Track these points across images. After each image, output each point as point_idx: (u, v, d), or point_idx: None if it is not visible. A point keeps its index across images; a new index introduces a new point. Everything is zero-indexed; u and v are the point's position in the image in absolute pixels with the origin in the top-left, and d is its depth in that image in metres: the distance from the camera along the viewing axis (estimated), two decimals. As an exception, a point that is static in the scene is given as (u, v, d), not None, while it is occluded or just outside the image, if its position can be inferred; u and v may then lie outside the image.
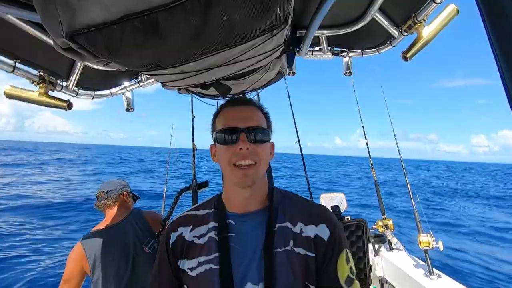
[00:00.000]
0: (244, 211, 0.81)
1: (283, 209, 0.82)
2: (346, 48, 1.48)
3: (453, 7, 1.08)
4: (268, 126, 0.85)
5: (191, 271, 0.78)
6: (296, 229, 0.78)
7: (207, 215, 0.85)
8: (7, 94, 1.17)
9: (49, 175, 18.90)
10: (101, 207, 1.88)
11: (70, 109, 1.30)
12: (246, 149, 0.74)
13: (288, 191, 0.90)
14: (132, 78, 1.47)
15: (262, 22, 0.63)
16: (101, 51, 0.57)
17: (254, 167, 0.76)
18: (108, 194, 1.88)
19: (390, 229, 3.07)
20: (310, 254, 0.75)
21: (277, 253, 0.74)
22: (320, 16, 0.92)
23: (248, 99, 0.87)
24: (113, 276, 1.65)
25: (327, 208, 0.85)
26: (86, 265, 1.64)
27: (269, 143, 0.83)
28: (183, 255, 0.81)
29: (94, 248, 1.65)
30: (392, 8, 1.17)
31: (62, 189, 13.47)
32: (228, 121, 0.79)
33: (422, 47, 1.19)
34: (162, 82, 0.99)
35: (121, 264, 1.68)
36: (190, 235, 0.82)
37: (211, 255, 0.77)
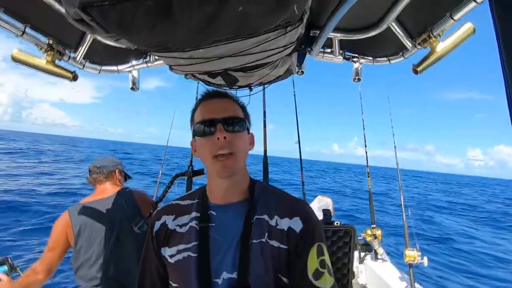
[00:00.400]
0: (225, 202, 0.84)
1: (262, 202, 0.84)
2: (358, 54, 1.47)
3: (470, 26, 1.07)
4: (246, 117, 0.87)
5: (171, 258, 0.81)
6: (272, 222, 0.80)
7: (190, 205, 0.88)
8: (14, 57, 1.16)
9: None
10: (92, 181, 1.91)
11: (75, 80, 1.29)
12: (224, 138, 0.76)
13: (269, 184, 0.92)
14: (141, 57, 1.46)
15: (277, 17, 0.63)
16: (112, 26, 0.56)
17: (233, 157, 0.77)
18: (101, 169, 1.90)
19: (378, 239, 3.09)
20: (282, 247, 0.77)
21: (252, 244, 0.77)
22: (336, 18, 0.91)
23: (224, 92, 0.89)
24: (94, 248, 1.67)
25: (306, 203, 0.87)
26: (70, 234, 1.66)
27: (247, 133, 0.85)
28: (165, 242, 0.84)
29: (80, 218, 1.67)
30: (409, 19, 1.16)
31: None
32: (205, 114, 0.81)
33: (434, 62, 1.19)
34: (170, 64, 0.99)
35: (105, 238, 1.69)
36: (173, 224, 0.85)
37: (190, 243, 0.80)
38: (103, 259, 1.67)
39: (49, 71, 1.21)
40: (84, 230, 1.67)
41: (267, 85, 1.50)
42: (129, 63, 1.47)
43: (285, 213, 0.81)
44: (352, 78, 1.56)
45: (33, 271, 1.60)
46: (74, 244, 1.67)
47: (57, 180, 13.20)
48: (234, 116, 0.81)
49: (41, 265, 1.60)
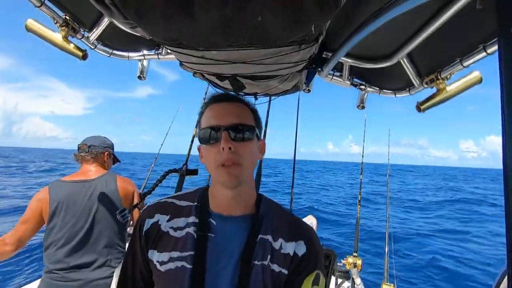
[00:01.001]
0: (228, 213, 0.78)
1: (267, 220, 0.78)
2: (366, 82, 1.49)
3: (478, 74, 1.10)
4: (257, 123, 0.80)
5: (161, 265, 0.73)
6: (275, 245, 0.75)
7: (188, 207, 0.80)
8: (28, 27, 1.16)
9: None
10: (79, 158, 1.86)
11: (84, 59, 1.29)
12: (228, 149, 0.70)
13: (274, 201, 0.87)
14: (153, 48, 1.47)
15: (294, 33, 0.64)
16: (131, 12, 0.57)
17: (238, 167, 0.72)
18: (90, 149, 1.87)
19: (358, 268, 3.06)
20: (284, 271, 0.73)
21: (254, 265, 0.72)
22: (350, 45, 0.92)
23: (234, 96, 0.82)
24: (66, 230, 1.62)
25: (311, 227, 0.83)
26: (46, 209, 1.62)
27: (256, 141, 0.78)
28: (154, 245, 0.76)
29: (59, 196, 1.64)
30: (420, 58, 1.18)
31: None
32: (210, 119, 0.75)
33: (439, 103, 1.21)
34: (181, 60, 0.99)
35: (80, 220, 1.65)
36: (167, 225, 0.77)
37: (185, 252, 0.73)
38: (73, 244, 1.62)
39: (60, 46, 1.21)
40: (60, 209, 1.63)
41: (273, 97, 1.51)
42: (140, 51, 1.48)
43: (290, 236, 0.76)
44: (357, 104, 1.58)
45: (1, 242, 1.54)
46: (47, 221, 1.63)
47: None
48: (242, 123, 0.74)
49: (12, 237, 1.55)
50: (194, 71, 1.14)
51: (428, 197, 20.61)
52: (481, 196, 21.39)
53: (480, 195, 22.92)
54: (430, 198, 19.88)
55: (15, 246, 1.55)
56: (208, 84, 1.33)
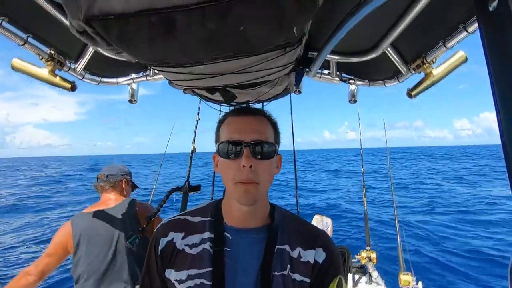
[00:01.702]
0: (243, 226, 0.77)
1: (283, 230, 0.78)
2: (354, 76, 1.51)
3: (462, 54, 1.11)
4: (276, 139, 0.79)
5: (179, 283, 0.72)
6: (294, 254, 0.75)
7: (202, 223, 0.79)
8: (14, 66, 1.17)
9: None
10: (98, 188, 1.90)
11: (73, 90, 1.29)
12: (249, 167, 0.69)
13: (287, 210, 0.86)
14: (141, 70, 1.48)
15: (277, 38, 0.64)
16: (114, 40, 0.57)
17: (257, 186, 0.71)
18: (108, 178, 1.90)
19: (373, 261, 3.04)
20: (306, 280, 0.72)
21: (274, 277, 0.71)
22: (334, 42, 0.94)
23: (257, 109, 0.82)
24: (92, 261, 1.65)
25: (325, 233, 0.83)
26: (70, 243, 1.65)
27: (276, 157, 0.77)
28: (170, 264, 0.75)
29: (81, 228, 1.67)
30: (403, 46, 1.20)
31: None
32: (232, 133, 0.74)
33: (428, 87, 1.22)
34: (169, 79, 1.00)
35: (103, 250, 1.67)
36: (182, 243, 0.76)
37: (203, 269, 0.72)
38: (98, 275, 1.64)
39: (48, 81, 1.21)
40: (83, 241, 1.66)
41: (265, 102, 1.52)
42: (129, 75, 1.48)
43: (307, 244, 0.76)
44: (348, 99, 1.59)
45: (25, 274, 1.57)
46: (73, 254, 1.66)
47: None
48: (264, 141, 0.72)
49: (36, 269, 1.58)
50: (184, 87, 1.15)
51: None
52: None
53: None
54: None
55: (38, 277, 1.59)
56: (200, 99, 1.33)
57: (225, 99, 1.26)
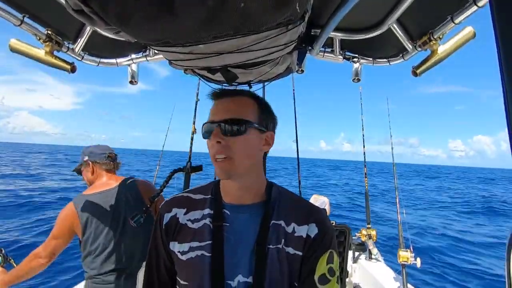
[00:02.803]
0: (239, 202, 0.81)
1: (279, 207, 0.82)
2: (358, 54, 1.47)
3: (470, 30, 1.07)
4: (261, 117, 0.81)
5: (182, 255, 0.78)
6: (289, 229, 0.78)
7: (203, 200, 0.85)
8: (12, 47, 1.15)
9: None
10: (104, 167, 1.89)
11: (73, 72, 1.28)
12: (217, 143, 0.74)
13: (285, 189, 0.90)
14: (140, 51, 1.45)
15: (278, 14, 0.63)
16: (112, 18, 0.56)
17: (229, 161, 0.74)
18: (117, 158, 1.95)
19: (373, 239, 3.12)
20: (298, 253, 0.76)
21: (269, 250, 0.75)
22: (338, 18, 0.91)
23: (236, 90, 0.84)
24: (100, 240, 1.71)
25: (322, 209, 0.86)
26: (76, 224, 1.69)
27: (257, 134, 0.79)
28: (174, 237, 0.81)
29: (87, 209, 1.70)
30: (410, 22, 1.16)
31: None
32: (209, 116, 0.79)
33: (434, 64, 1.19)
34: (169, 59, 0.98)
35: (111, 229, 1.73)
36: (184, 218, 0.82)
37: (204, 242, 0.77)
38: (108, 251, 1.71)
39: (47, 62, 1.20)
40: (91, 222, 1.70)
41: (266, 82, 1.50)
42: (128, 56, 1.46)
43: (302, 219, 0.80)
44: (352, 78, 1.57)
45: (35, 256, 1.63)
46: (81, 234, 1.71)
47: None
48: (234, 118, 0.75)
49: (45, 251, 1.64)
50: (185, 68, 1.13)
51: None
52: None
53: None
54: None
55: (48, 259, 1.65)
56: (200, 79, 1.32)
57: (226, 79, 1.24)
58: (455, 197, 20.66)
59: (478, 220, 12.12)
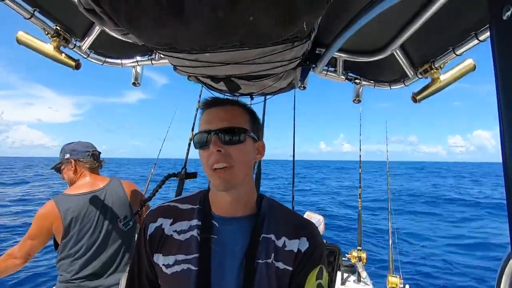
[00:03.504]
0: (229, 214, 0.79)
1: (269, 219, 0.80)
2: (361, 76, 1.50)
3: (471, 62, 1.10)
4: (253, 125, 0.81)
5: (166, 268, 0.75)
6: (279, 243, 0.76)
7: (190, 210, 0.82)
8: (19, 39, 1.16)
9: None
10: (93, 165, 1.81)
11: (77, 68, 1.29)
12: (218, 151, 0.72)
13: (276, 201, 0.88)
14: (146, 54, 1.47)
15: (285, 31, 0.64)
16: (122, 20, 0.56)
17: (229, 170, 0.72)
18: (100, 156, 1.87)
19: (363, 261, 3.07)
20: (288, 268, 0.74)
21: (258, 264, 0.73)
22: (343, 39, 0.93)
23: (225, 99, 0.82)
24: (84, 242, 1.63)
25: (313, 223, 0.84)
26: (57, 225, 1.60)
27: (252, 143, 0.79)
28: (158, 248, 0.78)
29: (71, 210, 1.62)
30: (413, 49, 1.19)
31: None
32: (202, 125, 0.77)
33: (434, 92, 1.21)
34: (174, 64, 0.99)
35: (95, 231, 1.66)
36: (170, 229, 0.79)
37: (190, 255, 0.74)
38: (89, 254, 1.63)
39: (52, 57, 1.20)
40: (74, 223, 1.62)
41: (268, 96, 1.51)
42: (133, 58, 1.47)
43: (293, 233, 0.78)
44: (353, 99, 1.58)
45: (9, 256, 1.56)
46: (62, 236, 1.61)
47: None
48: (232, 127, 0.75)
49: (20, 251, 1.56)
50: (188, 74, 1.14)
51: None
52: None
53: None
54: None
55: (24, 259, 1.58)
56: (202, 86, 1.33)
57: (229, 89, 1.25)
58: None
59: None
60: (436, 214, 13.02)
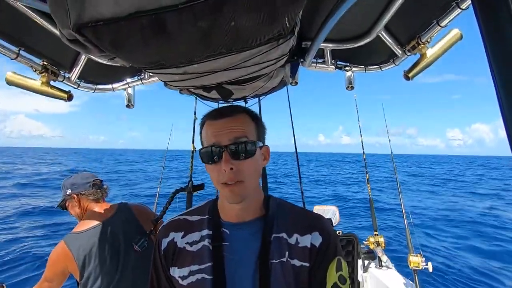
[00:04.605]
0: (238, 220, 0.79)
1: (279, 219, 0.80)
2: (350, 63, 1.50)
3: (457, 32, 1.10)
4: (259, 133, 0.80)
5: (182, 280, 0.75)
6: (291, 240, 0.76)
7: (200, 221, 0.83)
8: (8, 80, 1.16)
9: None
10: (97, 196, 1.76)
11: (70, 100, 1.29)
12: (230, 170, 0.71)
13: (283, 199, 0.88)
14: (135, 74, 1.47)
15: (269, 30, 0.64)
16: (107, 46, 0.57)
17: (241, 185, 0.72)
18: (103, 185, 1.82)
19: (381, 246, 3.06)
20: (305, 264, 0.74)
21: (272, 264, 0.73)
22: (326, 30, 0.93)
23: (233, 107, 0.81)
24: (103, 277, 1.59)
25: (322, 217, 0.84)
26: (72, 266, 1.56)
27: (259, 152, 0.78)
28: (173, 262, 0.79)
29: (83, 249, 1.58)
30: (397, 28, 1.19)
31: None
32: (210, 138, 0.75)
33: (425, 67, 1.21)
34: (164, 81, 1.00)
35: (112, 265, 1.62)
36: (182, 241, 0.80)
37: (203, 265, 0.75)
38: (112, 287, 1.60)
39: (44, 93, 1.21)
40: (89, 262, 1.58)
41: (262, 96, 1.51)
42: (123, 80, 1.48)
43: (304, 230, 0.77)
44: (345, 86, 1.59)
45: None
46: (79, 276, 1.58)
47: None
48: (242, 141, 0.73)
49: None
50: (180, 88, 1.14)
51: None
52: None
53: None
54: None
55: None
56: (196, 98, 1.33)
57: (222, 96, 1.25)
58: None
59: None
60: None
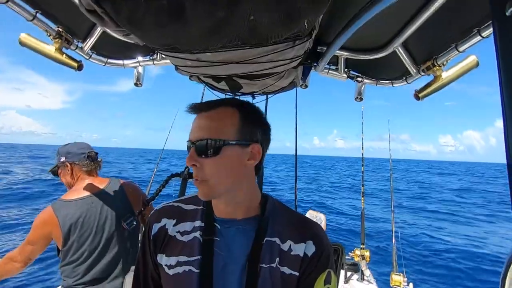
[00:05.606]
0: (229, 217, 0.77)
1: (273, 222, 0.77)
2: (362, 74, 1.49)
3: (474, 59, 1.09)
4: (242, 129, 0.72)
5: (169, 268, 0.74)
6: (284, 247, 0.74)
7: (194, 211, 0.81)
8: (22, 42, 1.16)
9: None
10: (90, 167, 1.74)
11: (80, 70, 1.29)
12: (194, 166, 0.70)
13: (281, 202, 0.85)
14: (148, 54, 1.47)
15: (287, 30, 0.64)
16: (123, 21, 0.57)
17: (204, 183, 0.70)
18: (97, 157, 1.81)
19: (366, 260, 3.07)
20: (294, 273, 0.72)
21: (261, 269, 0.71)
22: (344, 37, 0.92)
23: (213, 102, 0.75)
24: (85, 248, 1.61)
25: (318, 225, 0.81)
26: (56, 232, 1.57)
27: (236, 151, 0.71)
28: (162, 249, 0.77)
29: (69, 217, 1.58)
30: (415, 46, 1.18)
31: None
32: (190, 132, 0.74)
33: (436, 90, 1.20)
34: (176, 64, 0.99)
35: (96, 237, 1.64)
36: (173, 229, 0.78)
37: (192, 257, 0.73)
38: (92, 259, 1.62)
39: (55, 58, 1.21)
40: (74, 230, 1.59)
41: (270, 95, 1.51)
42: (135, 58, 1.48)
43: (299, 237, 0.75)
44: (355, 97, 1.58)
45: (10, 260, 1.56)
46: (62, 244, 1.59)
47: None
48: (207, 138, 0.68)
49: (20, 256, 1.56)
50: (190, 74, 1.14)
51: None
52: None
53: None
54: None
55: (24, 263, 1.58)
56: (205, 86, 1.33)
57: (230, 88, 1.25)
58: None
59: None
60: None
